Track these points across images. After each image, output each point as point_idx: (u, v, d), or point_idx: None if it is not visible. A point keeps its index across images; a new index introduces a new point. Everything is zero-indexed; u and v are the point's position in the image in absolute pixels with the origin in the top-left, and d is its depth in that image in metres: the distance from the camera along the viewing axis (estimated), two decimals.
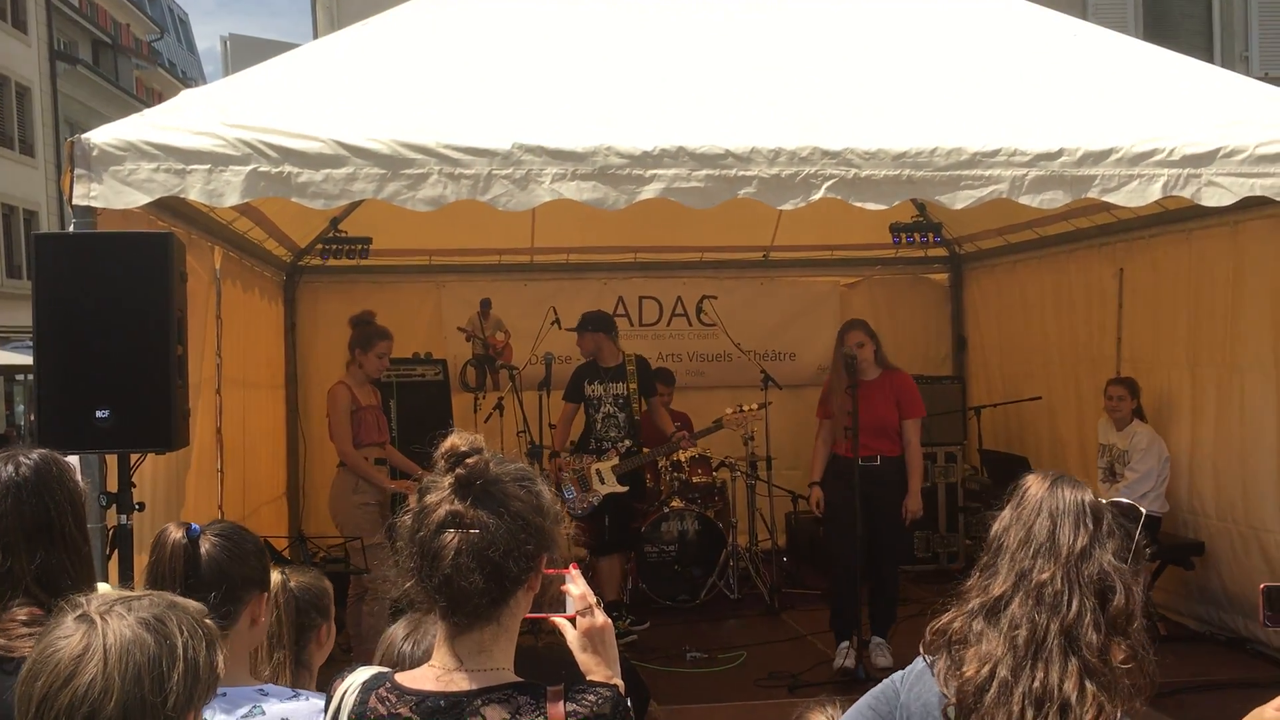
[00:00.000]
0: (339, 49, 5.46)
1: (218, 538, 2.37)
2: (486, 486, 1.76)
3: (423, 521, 1.75)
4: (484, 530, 1.73)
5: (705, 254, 9.68)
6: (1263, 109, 5.22)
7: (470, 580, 1.71)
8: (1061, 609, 1.77)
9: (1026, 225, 8.29)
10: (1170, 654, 2.13)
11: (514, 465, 1.82)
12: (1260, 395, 6.46)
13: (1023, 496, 1.89)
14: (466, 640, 1.78)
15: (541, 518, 1.79)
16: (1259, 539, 6.53)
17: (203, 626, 1.57)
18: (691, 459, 8.32)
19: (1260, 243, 6.39)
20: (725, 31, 5.64)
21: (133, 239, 4.00)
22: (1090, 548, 1.80)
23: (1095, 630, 1.75)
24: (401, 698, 1.76)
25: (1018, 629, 1.79)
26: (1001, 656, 1.78)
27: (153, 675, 1.48)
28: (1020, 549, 1.84)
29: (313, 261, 8.91)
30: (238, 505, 7.08)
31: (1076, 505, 1.83)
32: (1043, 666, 1.75)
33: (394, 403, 7.88)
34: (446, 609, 1.75)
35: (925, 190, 4.84)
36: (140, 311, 3.87)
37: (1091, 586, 1.77)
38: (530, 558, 1.77)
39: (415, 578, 1.76)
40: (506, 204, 4.59)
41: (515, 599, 1.79)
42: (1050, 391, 8.57)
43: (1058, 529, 1.82)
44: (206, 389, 6.24)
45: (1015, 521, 1.87)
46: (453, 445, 1.76)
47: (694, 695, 6.24)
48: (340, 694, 1.81)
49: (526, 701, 1.73)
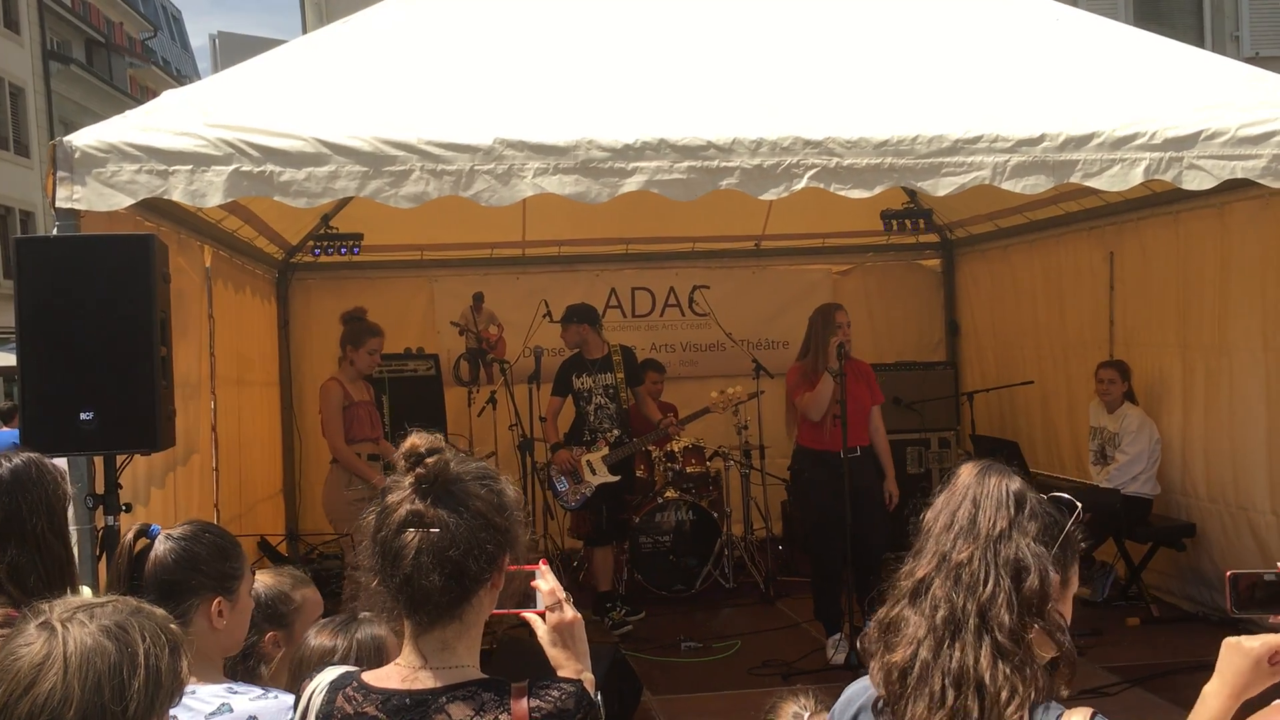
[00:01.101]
0: (320, 47, 5.46)
1: (173, 540, 2.38)
2: (447, 486, 1.77)
3: (384, 521, 1.77)
4: (444, 529, 1.75)
5: (697, 244, 9.69)
6: (1245, 91, 5.21)
7: (430, 579, 1.73)
8: (978, 589, 1.80)
9: (1016, 210, 8.29)
10: (1162, 635, 2.16)
11: (476, 464, 1.83)
12: (1249, 376, 6.48)
13: (953, 484, 1.92)
14: (430, 638, 1.80)
15: (503, 516, 1.80)
16: (1249, 519, 6.55)
17: (167, 633, 1.58)
18: (685, 449, 8.34)
19: (1246, 224, 6.40)
20: (705, 23, 5.64)
21: (114, 241, 4.01)
22: (1009, 531, 1.82)
23: (1008, 611, 1.77)
24: (368, 696, 1.78)
25: (938, 609, 1.82)
26: (923, 638, 1.81)
27: (113, 683, 1.49)
28: (944, 532, 1.88)
29: (304, 259, 8.93)
30: (234, 503, 7.11)
31: (1000, 491, 1.85)
32: (959, 646, 1.77)
33: (386, 398, 7.89)
34: (408, 608, 1.78)
35: (907, 178, 4.85)
36: (123, 313, 3.89)
37: (1008, 568, 1.80)
38: (491, 556, 1.79)
39: (377, 577, 1.78)
40: (489, 199, 4.59)
41: (478, 597, 1.80)
42: (1041, 375, 8.59)
43: (979, 513, 1.85)
44: (201, 388, 6.27)
45: (944, 508, 1.90)
46: (413, 445, 1.78)
47: (688, 685, 6.28)
48: (308, 694, 1.84)
49: (491, 698, 1.75)
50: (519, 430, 7.82)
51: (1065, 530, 1.84)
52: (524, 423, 7.74)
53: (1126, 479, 7.20)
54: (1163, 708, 5.46)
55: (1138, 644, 6.50)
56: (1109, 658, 6.27)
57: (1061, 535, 1.83)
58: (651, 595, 7.85)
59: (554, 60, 5.27)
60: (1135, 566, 7.26)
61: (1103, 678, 5.96)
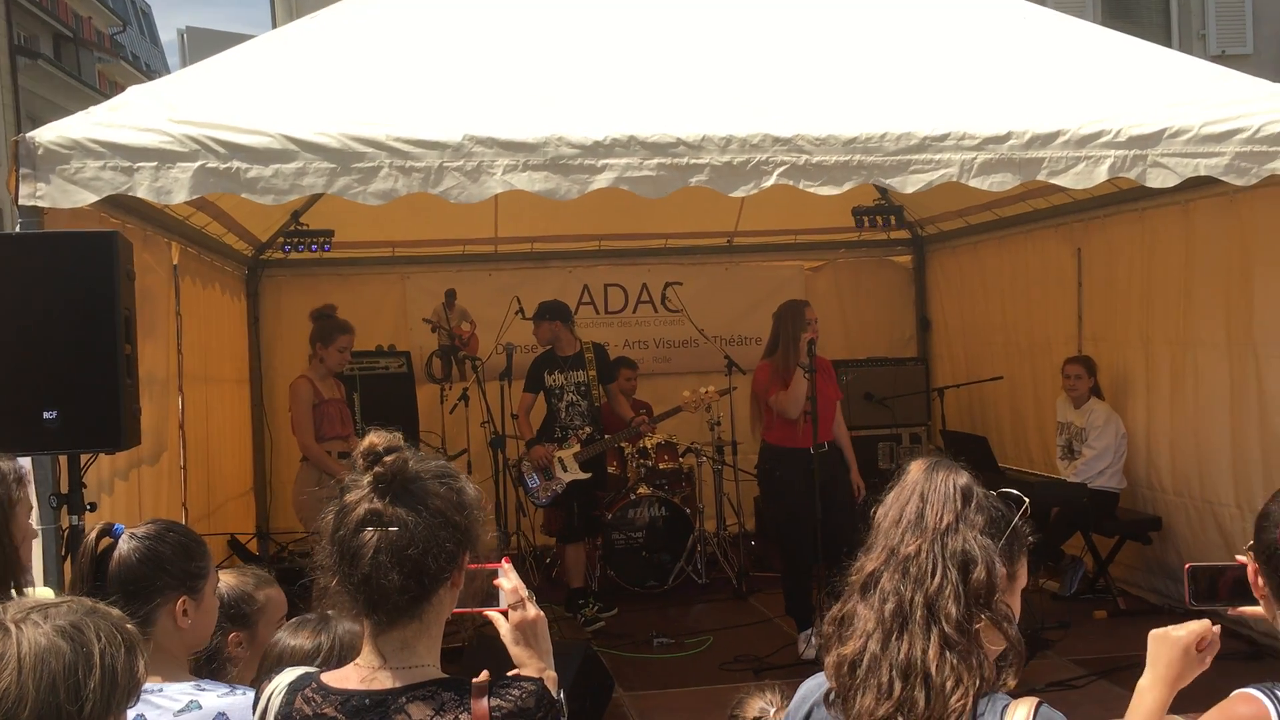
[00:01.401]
0: (287, 43, 5.43)
1: (137, 540, 2.36)
2: (405, 484, 1.77)
3: (342, 520, 1.77)
4: (402, 528, 1.74)
5: (669, 240, 9.70)
6: (1209, 89, 5.27)
7: (389, 579, 1.73)
8: (925, 581, 1.82)
9: (986, 207, 8.35)
10: (1129, 627, 2.19)
11: (435, 462, 1.83)
12: (1213, 371, 6.55)
13: (902, 481, 1.94)
14: (390, 638, 1.79)
15: (462, 514, 1.80)
16: (1214, 513, 6.62)
17: (123, 633, 1.57)
18: (658, 445, 8.35)
19: (1210, 221, 6.47)
20: (674, 20, 5.64)
21: (77, 239, 3.98)
22: (956, 524, 1.85)
23: (955, 602, 1.79)
24: (327, 697, 1.77)
25: (886, 602, 1.84)
26: (873, 631, 1.83)
27: (68, 683, 1.48)
28: (892, 528, 1.90)
29: (274, 255, 8.87)
30: (202, 502, 7.07)
31: (947, 486, 1.88)
32: (907, 638, 1.80)
33: (358, 395, 7.86)
34: (367, 607, 1.77)
35: (876, 175, 4.87)
36: (87, 311, 3.85)
37: (955, 560, 1.82)
38: (451, 555, 1.79)
39: (336, 577, 1.77)
40: (458, 196, 4.58)
41: (437, 596, 1.80)
42: (1010, 371, 8.65)
43: (926, 508, 1.88)
44: (169, 386, 6.23)
45: (893, 504, 1.92)
46: (371, 444, 1.77)
47: (660, 680, 6.29)
48: (267, 695, 1.83)
49: (451, 698, 1.75)
50: (491, 427, 7.81)
51: (1012, 524, 1.87)
52: (496, 420, 7.73)
53: (1093, 473, 7.27)
54: (1128, 699, 5.50)
55: (1104, 637, 6.56)
56: (1076, 650, 6.33)
57: (1009, 529, 1.85)
58: (624, 591, 7.86)
59: (523, 57, 5.26)
60: (1102, 560, 7.33)
61: (1070, 670, 6.02)
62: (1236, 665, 5.39)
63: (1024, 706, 1.75)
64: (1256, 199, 5.90)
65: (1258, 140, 4.91)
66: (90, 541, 2.33)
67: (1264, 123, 4.94)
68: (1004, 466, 8.05)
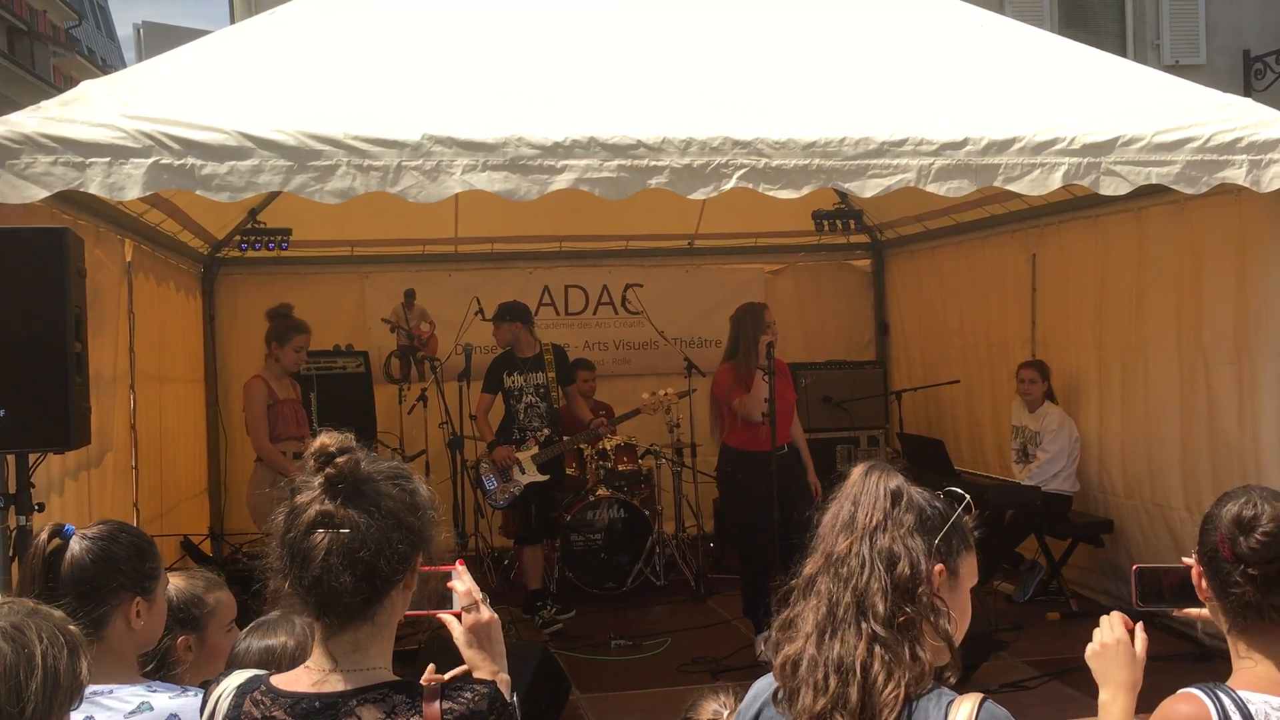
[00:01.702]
0: (245, 39, 5.38)
1: (89, 540, 2.33)
2: (358, 485, 1.76)
3: (293, 522, 1.75)
4: (354, 530, 1.73)
5: (630, 242, 9.71)
6: (1161, 98, 5.35)
7: (340, 581, 1.72)
8: (853, 580, 1.86)
9: (944, 212, 8.43)
10: (1081, 629, 2.22)
11: (388, 463, 1.82)
12: (1164, 377, 6.64)
13: (841, 485, 1.97)
14: (341, 640, 1.78)
15: (415, 516, 1.79)
16: (1165, 516, 6.72)
17: (65, 634, 1.55)
18: (617, 447, 8.35)
19: (1162, 228, 6.56)
20: (634, 22, 5.64)
21: (26, 235, 3.91)
22: (884, 523, 1.89)
23: (882, 599, 1.83)
24: (276, 700, 1.76)
25: (822, 603, 1.88)
26: (811, 631, 1.87)
27: (9, 684, 1.47)
28: (829, 532, 1.95)
29: (231, 253, 8.78)
30: (155, 502, 6.97)
31: (877, 488, 1.92)
32: (839, 637, 1.84)
33: (315, 395, 7.80)
34: (318, 610, 1.76)
35: (835, 179, 4.89)
36: (36, 308, 3.79)
37: (882, 558, 1.86)
38: (404, 557, 1.77)
39: (286, 579, 1.75)
40: (417, 195, 4.55)
41: (390, 598, 1.79)
42: (967, 375, 8.74)
43: (858, 510, 1.92)
44: (120, 385, 6.14)
45: (831, 508, 1.96)
46: (322, 444, 1.76)
47: (617, 682, 6.29)
48: (215, 698, 1.81)
49: (402, 700, 1.74)
50: (449, 428, 7.77)
51: (950, 520, 1.90)
52: (454, 421, 7.70)
53: (1047, 476, 7.35)
54: (1079, 700, 5.58)
55: (1057, 638, 6.63)
56: (1028, 652, 6.40)
57: (946, 525, 1.89)
58: (582, 593, 7.85)
59: (483, 56, 5.24)
60: (1055, 562, 7.41)
61: (1023, 671, 6.08)
62: (1185, 667, 5.48)
63: (968, 702, 1.78)
64: (1207, 207, 6.00)
65: (1208, 149, 4.99)
66: (41, 542, 2.29)
67: (1214, 132, 5.02)
68: (960, 469, 8.13)
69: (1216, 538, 2.09)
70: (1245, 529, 2.07)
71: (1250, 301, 5.86)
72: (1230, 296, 6.03)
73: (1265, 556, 2.05)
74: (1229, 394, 6.07)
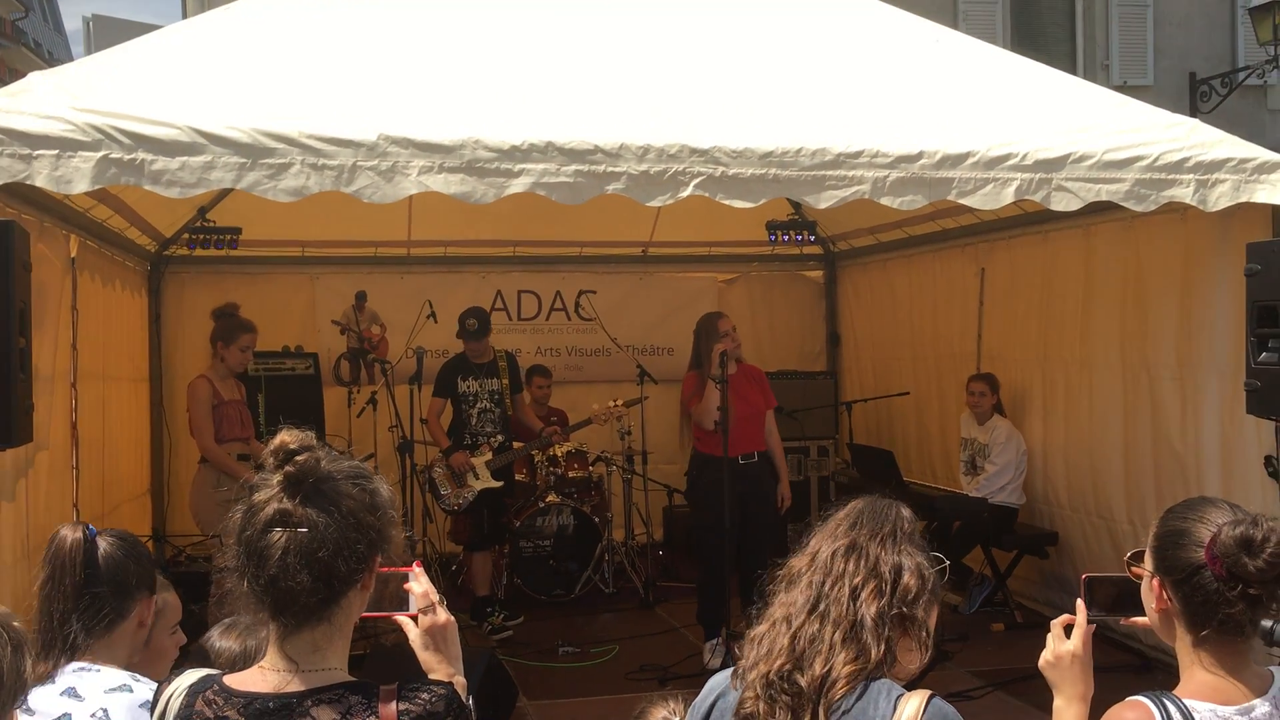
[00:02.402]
0: (199, 34, 5.30)
1: (114, 539, 2.44)
2: (317, 484, 1.73)
3: (250, 520, 1.72)
4: (313, 529, 1.71)
5: (585, 249, 9.70)
6: (1111, 117, 5.44)
7: (298, 580, 1.69)
8: (859, 572, 1.98)
9: (896, 225, 8.51)
10: (1025, 640, 2.26)
11: (348, 463, 1.80)
12: (1107, 391, 6.75)
13: (847, 505, 2.07)
14: (297, 640, 1.75)
15: (374, 516, 1.77)
16: (1109, 528, 6.82)
17: (10, 631, 1.53)
18: (568, 453, 8.33)
19: (1109, 245, 6.68)
20: (595, 28, 5.64)
21: None
22: (894, 535, 2.02)
23: (878, 597, 1.95)
24: (229, 700, 1.73)
25: (812, 588, 2.01)
26: (802, 607, 1.98)
27: None
28: (831, 532, 2.06)
29: (179, 251, 8.65)
30: (95, 503, 6.82)
31: (892, 509, 2.07)
32: (819, 618, 1.96)
33: (262, 397, 7.71)
34: (274, 609, 1.73)
35: (791, 189, 4.92)
36: None
37: (889, 564, 1.98)
38: (362, 557, 1.75)
39: (241, 577, 1.72)
40: (372, 196, 4.51)
41: (347, 599, 1.77)
42: (916, 386, 8.82)
43: (868, 518, 2.04)
44: (61, 382, 6.01)
45: (836, 518, 2.09)
46: (282, 442, 1.73)
47: (565, 689, 6.26)
48: (166, 698, 1.77)
49: (358, 701, 1.72)
50: (399, 431, 7.70)
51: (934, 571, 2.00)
52: (405, 424, 7.63)
53: (995, 489, 7.44)
54: (1023, 710, 5.65)
55: (1001, 649, 6.71)
56: (973, 662, 6.46)
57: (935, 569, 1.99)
58: (531, 600, 7.81)
59: (442, 57, 5.21)
60: (1001, 574, 7.49)
61: (967, 681, 6.14)
62: (1127, 678, 5.56)
63: (916, 698, 1.82)
64: (1153, 225, 6.11)
65: (1156, 168, 5.09)
66: (78, 537, 2.37)
67: (1163, 151, 5.11)
68: (908, 480, 8.20)
69: (1203, 556, 2.09)
70: (1252, 550, 2.05)
71: (1194, 318, 5.97)
72: (1174, 313, 6.14)
73: (1271, 576, 2.06)
74: (1172, 408, 6.19)
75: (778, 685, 1.91)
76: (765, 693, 1.91)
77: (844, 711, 1.89)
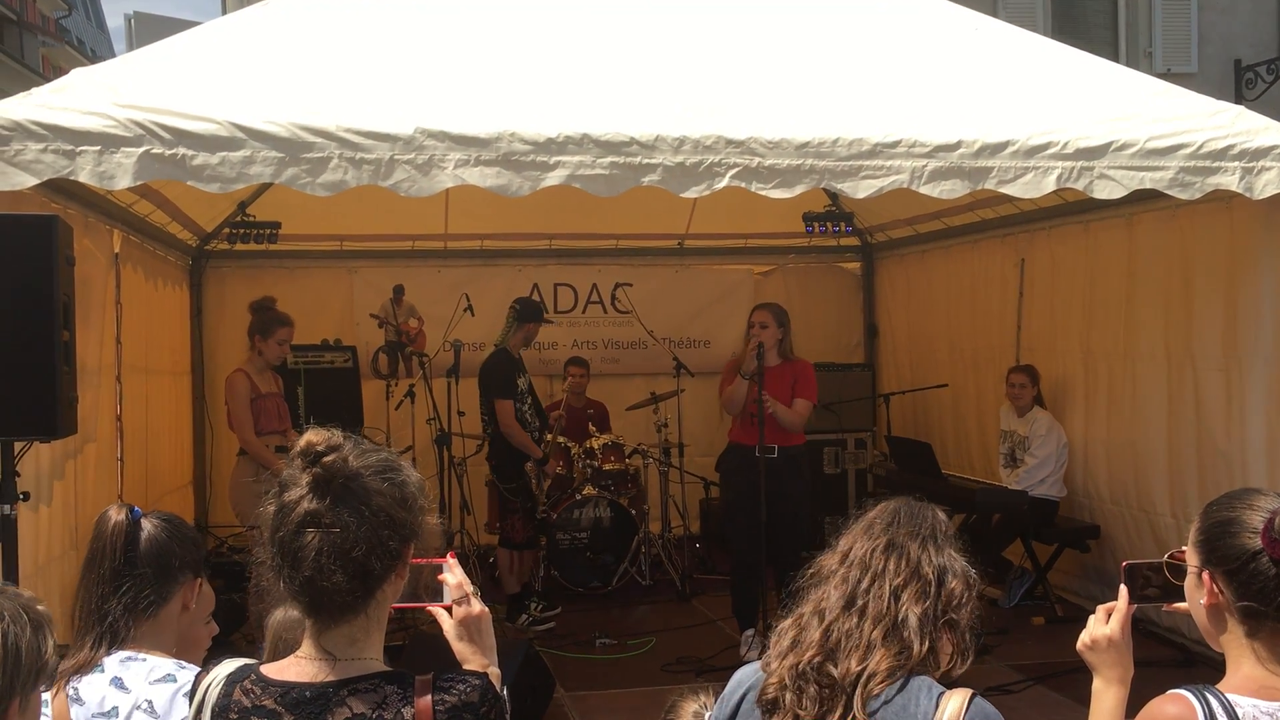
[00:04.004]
0: (238, 29, 5.34)
1: (160, 520, 2.44)
2: (346, 483, 1.73)
3: (282, 520, 1.73)
4: (345, 530, 1.71)
5: (620, 241, 9.69)
6: (1153, 104, 5.36)
7: (333, 580, 1.70)
8: (895, 577, 1.98)
9: (934, 216, 8.44)
10: (1066, 634, 2.23)
11: (376, 456, 1.79)
12: (1151, 383, 6.66)
13: (881, 504, 2.06)
14: (333, 634, 1.77)
15: (405, 510, 1.77)
16: (1151, 522, 6.73)
17: (31, 612, 1.55)
18: (604, 446, 8.33)
19: (1152, 235, 6.58)
20: (630, 19, 5.62)
21: (15, 221, 3.87)
22: (935, 538, 2.01)
23: (920, 600, 1.94)
24: (266, 689, 1.74)
25: (849, 583, 2.00)
26: (837, 602, 1.98)
27: None
28: (867, 531, 2.06)
29: (220, 246, 8.74)
30: (139, 494, 6.92)
31: (928, 511, 2.07)
32: (866, 611, 1.95)
33: (302, 390, 7.77)
34: (310, 607, 1.74)
35: (828, 179, 4.89)
36: (24, 296, 3.75)
37: (932, 566, 1.98)
38: (395, 553, 1.76)
39: (277, 576, 1.74)
40: (409, 190, 4.54)
41: (381, 592, 1.78)
42: (954, 379, 8.75)
43: (906, 518, 2.05)
44: (106, 375, 6.10)
45: (872, 515, 2.09)
46: (309, 443, 1.73)
47: (602, 681, 6.28)
48: (205, 686, 1.79)
49: (394, 691, 1.73)
50: (437, 424, 7.74)
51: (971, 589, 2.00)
52: (442, 417, 7.66)
53: (1035, 481, 7.36)
54: (1065, 705, 5.60)
55: (1042, 643, 6.65)
56: (1014, 656, 6.41)
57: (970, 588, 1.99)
58: (568, 592, 7.83)
59: (477, 51, 5.22)
60: (1041, 567, 7.42)
61: (1007, 675, 6.09)
62: (1171, 673, 5.49)
63: (959, 696, 1.81)
64: (1197, 214, 6.02)
65: (1201, 155, 5.01)
66: (121, 520, 2.38)
67: (1207, 138, 5.03)
68: (947, 473, 8.14)
69: (1259, 541, 2.06)
70: None
71: (1240, 308, 5.88)
72: (1219, 303, 6.05)
73: None
74: (1217, 400, 6.09)
75: (810, 675, 1.91)
76: (795, 682, 1.92)
77: (885, 702, 1.89)
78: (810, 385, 6.80)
